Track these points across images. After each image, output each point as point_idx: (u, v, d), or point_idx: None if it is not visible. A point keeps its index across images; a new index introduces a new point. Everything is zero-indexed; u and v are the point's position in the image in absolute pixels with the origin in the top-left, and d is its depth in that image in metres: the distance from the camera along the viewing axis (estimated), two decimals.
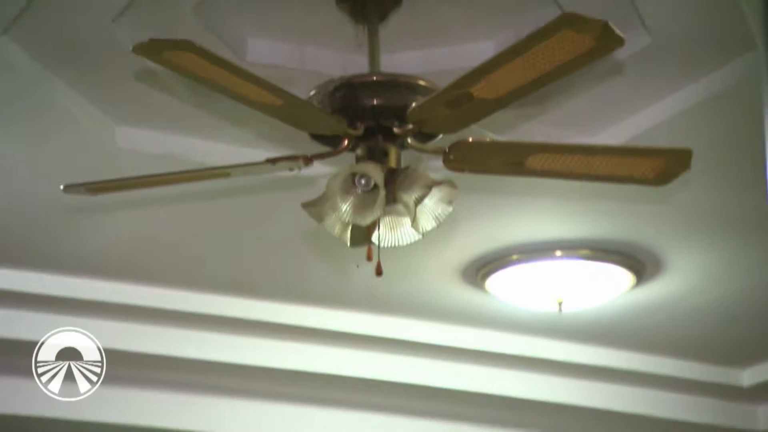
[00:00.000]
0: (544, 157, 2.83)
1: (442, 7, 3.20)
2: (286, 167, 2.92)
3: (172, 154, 3.65)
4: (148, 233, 4.22)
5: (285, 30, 3.28)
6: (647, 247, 4.37)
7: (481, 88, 2.53)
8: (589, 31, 2.30)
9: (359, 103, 2.83)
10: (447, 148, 2.85)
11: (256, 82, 2.55)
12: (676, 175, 2.88)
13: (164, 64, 2.46)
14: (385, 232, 2.89)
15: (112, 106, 3.52)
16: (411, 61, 3.38)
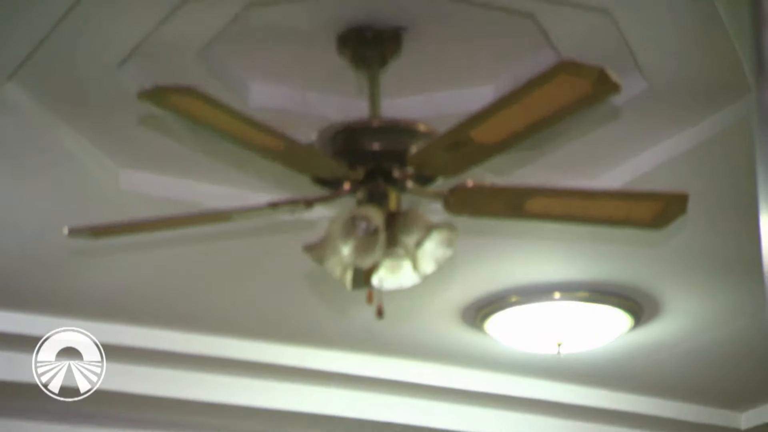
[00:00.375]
0: (543, 200, 2.84)
1: (442, 53, 3.23)
2: (288, 211, 2.93)
3: (176, 198, 3.66)
4: (150, 275, 4.22)
5: (287, 75, 3.31)
6: (645, 290, 4.37)
7: (480, 132, 2.55)
8: (587, 77, 2.32)
9: (360, 147, 2.86)
10: (447, 191, 2.86)
11: (258, 127, 2.57)
12: (673, 219, 2.90)
13: (168, 110, 2.48)
14: (385, 275, 2.89)
15: (117, 150, 3.55)
16: (411, 105, 3.41)
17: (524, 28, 3.08)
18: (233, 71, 3.26)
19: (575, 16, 2.96)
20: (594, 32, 3.02)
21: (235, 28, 3.04)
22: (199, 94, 2.42)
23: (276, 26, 3.07)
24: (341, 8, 3.00)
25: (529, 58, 3.21)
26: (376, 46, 3.07)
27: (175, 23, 2.93)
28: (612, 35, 3.00)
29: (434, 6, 3.00)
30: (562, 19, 2.99)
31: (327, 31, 3.08)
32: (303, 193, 2.98)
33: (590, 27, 3.01)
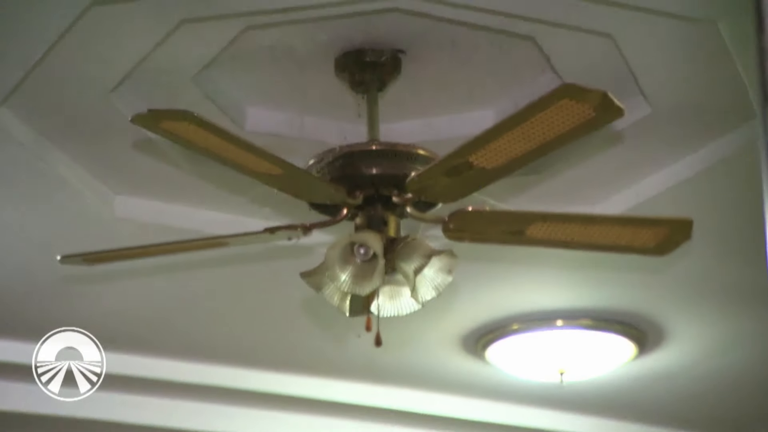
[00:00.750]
0: (545, 226, 2.82)
1: (441, 76, 3.22)
2: (285, 236, 2.91)
3: (171, 224, 3.65)
4: (145, 303, 4.20)
5: (284, 99, 3.30)
6: (649, 317, 4.35)
7: (480, 157, 2.53)
8: (589, 101, 2.30)
9: (358, 172, 2.84)
10: (446, 217, 2.84)
11: (255, 152, 2.55)
12: (677, 245, 2.87)
13: (163, 134, 2.46)
14: (384, 302, 2.87)
15: (111, 176, 3.53)
16: (410, 129, 3.40)
17: (525, 52, 3.07)
18: (229, 95, 3.25)
19: (577, 39, 2.94)
20: (596, 56, 3.01)
21: (231, 52, 3.03)
22: (194, 118, 2.40)
23: (272, 49, 3.06)
24: (339, 31, 2.99)
25: (530, 81, 3.20)
26: (374, 69, 3.06)
27: (170, 47, 2.92)
28: (614, 59, 2.99)
29: (433, 29, 2.99)
30: (564, 43, 2.97)
31: (324, 55, 3.07)
32: (300, 218, 2.96)
33: (592, 51, 2.99)
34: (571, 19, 2.85)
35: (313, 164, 2.88)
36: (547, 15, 2.84)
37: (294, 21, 2.92)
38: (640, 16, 2.81)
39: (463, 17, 2.89)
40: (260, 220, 3.51)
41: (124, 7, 2.76)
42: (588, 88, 2.29)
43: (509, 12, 2.83)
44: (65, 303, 4.13)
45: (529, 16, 2.84)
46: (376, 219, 2.87)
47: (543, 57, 3.05)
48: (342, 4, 2.84)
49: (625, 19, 2.83)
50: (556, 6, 2.78)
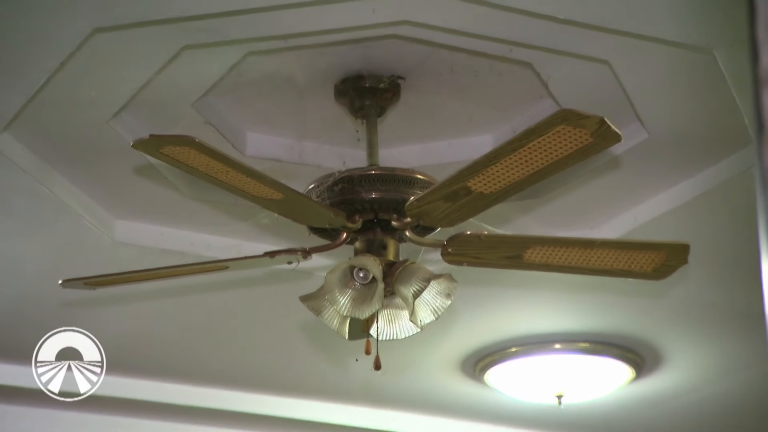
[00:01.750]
0: (542, 250, 2.82)
1: (440, 102, 3.23)
2: (285, 260, 2.90)
3: (171, 248, 3.64)
4: (145, 326, 4.19)
5: (284, 124, 3.31)
6: (646, 341, 4.34)
7: (478, 182, 2.53)
8: (586, 126, 2.31)
9: (358, 197, 2.84)
10: (445, 241, 2.84)
11: (255, 177, 2.56)
12: (674, 270, 2.87)
13: (164, 159, 2.46)
14: (383, 326, 2.86)
15: (112, 201, 3.53)
16: (409, 154, 3.41)
17: (523, 78, 3.08)
18: (229, 120, 3.26)
19: (574, 66, 2.96)
20: (593, 82, 3.02)
21: (232, 78, 3.04)
22: (195, 143, 2.40)
23: (273, 76, 3.07)
24: (338, 58, 3.00)
25: (528, 107, 3.21)
26: (373, 95, 3.07)
27: (171, 73, 2.93)
28: (612, 85, 3.00)
29: (432, 55, 3.00)
30: (561, 69, 2.99)
31: (324, 81, 3.08)
32: (300, 242, 2.96)
33: (590, 77, 3.01)
34: (569, 45, 2.86)
35: (313, 189, 2.88)
36: (545, 41, 2.85)
37: (294, 47, 2.94)
38: (637, 43, 2.82)
39: (462, 44, 2.90)
40: (260, 243, 3.51)
41: (126, 34, 2.77)
42: (585, 114, 2.30)
43: (507, 38, 2.85)
44: (66, 327, 4.12)
45: (527, 42, 2.86)
46: (375, 243, 2.87)
47: (541, 83, 3.06)
48: (342, 31, 2.85)
49: (622, 45, 2.84)
50: (553, 32, 2.80)
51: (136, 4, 2.66)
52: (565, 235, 3.52)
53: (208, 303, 4.04)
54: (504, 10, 2.69)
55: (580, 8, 2.69)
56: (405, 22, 2.80)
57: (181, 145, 2.41)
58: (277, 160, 3.33)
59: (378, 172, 2.87)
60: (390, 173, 2.86)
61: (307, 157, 3.35)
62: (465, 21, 2.78)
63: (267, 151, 3.32)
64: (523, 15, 2.71)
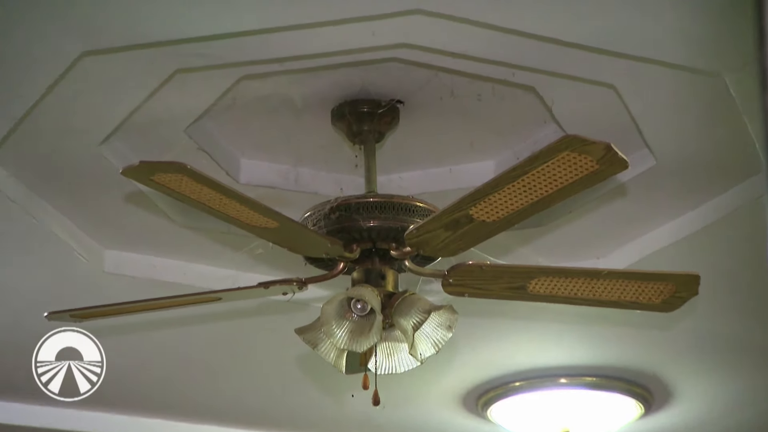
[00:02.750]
0: (547, 281, 2.82)
1: (441, 127, 3.23)
2: (280, 291, 2.90)
3: (162, 278, 3.64)
4: (135, 360, 4.17)
5: (279, 150, 3.31)
6: (655, 375, 4.33)
7: (480, 210, 2.53)
8: (592, 153, 2.31)
9: (355, 226, 2.84)
10: (446, 271, 2.84)
11: (249, 205, 2.56)
12: (684, 301, 2.87)
13: (155, 187, 2.46)
14: (382, 359, 2.86)
15: (101, 230, 3.53)
16: (409, 181, 3.41)
17: (526, 102, 3.09)
18: (223, 146, 3.26)
19: (579, 90, 2.96)
20: (599, 107, 3.02)
21: (225, 102, 3.05)
22: (187, 170, 2.40)
23: (268, 100, 3.08)
24: (336, 81, 3.01)
25: (532, 132, 3.21)
26: (372, 119, 3.08)
27: (163, 98, 2.93)
28: (618, 110, 3.00)
29: (432, 79, 3.01)
30: (566, 93, 2.99)
31: (321, 105, 3.09)
32: (296, 272, 2.96)
33: (595, 102, 3.01)
34: (573, 69, 2.87)
35: (309, 217, 2.88)
36: (549, 65, 2.86)
37: (290, 71, 2.94)
38: (644, 67, 2.83)
39: (463, 67, 2.91)
40: (254, 274, 3.51)
41: (117, 57, 2.77)
42: (591, 140, 2.30)
43: (510, 62, 2.85)
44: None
45: (530, 66, 2.86)
46: (373, 273, 2.87)
47: (545, 108, 3.07)
48: (339, 54, 2.86)
49: (628, 69, 2.84)
50: (558, 56, 2.80)
51: (126, 27, 2.66)
52: (570, 265, 3.52)
53: (200, 335, 4.03)
54: (507, 32, 2.70)
55: (585, 31, 2.70)
56: (405, 45, 2.81)
57: (173, 172, 2.41)
58: (272, 186, 3.33)
59: (376, 200, 2.87)
60: (388, 201, 2.86)
61: (302, 183, 3.36)
62: (466, 44, 2.79)
63: (261, 177, 3.33)
64: (526, 38, 2.72)
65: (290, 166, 3.36)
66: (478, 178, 3.13)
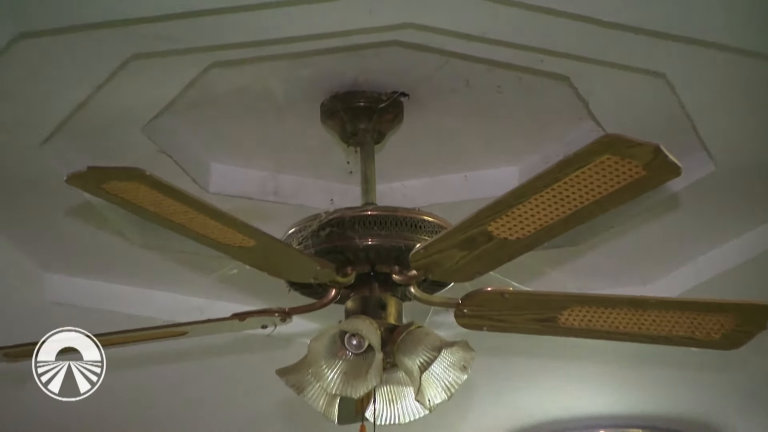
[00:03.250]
0: (582, 311, 2.81)
1: (454, 125, 3.24)
2: (258, 324, 2.90)
3: (117, 309, 3.64)
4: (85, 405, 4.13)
5: (257, 154, 3.32)
6: (711, 425, 4.34)
7: (502, 225, 2.52)
8: (637, 156, 2.30)
9: (350, 244, 2.83)
10: (460, 299, 2.83)
11: (221, 219, 2.55)
12: (750, 337, 2.86)
13: (106, 197, 2.44)
14: (382, 406, 2.86)
15: (41, 250, 3.54)
16: (415, 190, 3.43)
17: (557, 95, 3.09)
18: (189, 148, 3.27)
19: (622, 79, 2.96)
20: (646, 101, 3.02)
21: (192, 95, 3.04)
22: (144, 176, 2.39)
23: (243, 92, 3.08)
24: (326, 70, 3.01)
25: (564, 131, 3.22)
26: (370, 116, 3.08)
27: (116, 89, 2.93)
28: (668, 104, 3.00)
29: (443, 67, 3.01)
30: (606, 84, 2.99)
31: (308, 99, 3.09)
32: (278, 301, 2.94)
33: (641, 94, 3.01)
34: (615, 54, 2.86)
35: (294, 234, 2.88)
36: (585, 49, 2.85)
37: (270, 57, 2.94)
38: (701, 53, 2.82)
39: (480, 52, 2.90)
40: (228, 303, 3.51)
41: (59, 41, 2.76)
42: (636, 140, 2.28)
43: (538, 46, 2.84)
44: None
45: (563, 50, 2.85)
46: (372, 302, 2.87)
47: (580, 101, 3.07)
48: (330, 37, 2.85)
49: (681, 55, 2.84)
50: (595, 38, 2.79)
51: (70, 3, 2.65)
52: (611, 292, 3.51)
53: (162, 377, 4.05)
54: (534, 10, 2.69)
55: (628, 9, 2.70)
56: (409, 26, 2.80)
57: (129, 180, 2.40)
58: (249, 197, 3.34)
59: (375, 213, 2.86)
60: (390, 214, 2.86)
61: (286, 193, 3.37)
62: (484, 23, 2.78)
63: (236, 186, 3.34)
64: (557, 17, 2.71)
65: (270, 172, 3.36)
66: (498, 186, 3.14)
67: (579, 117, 3.15)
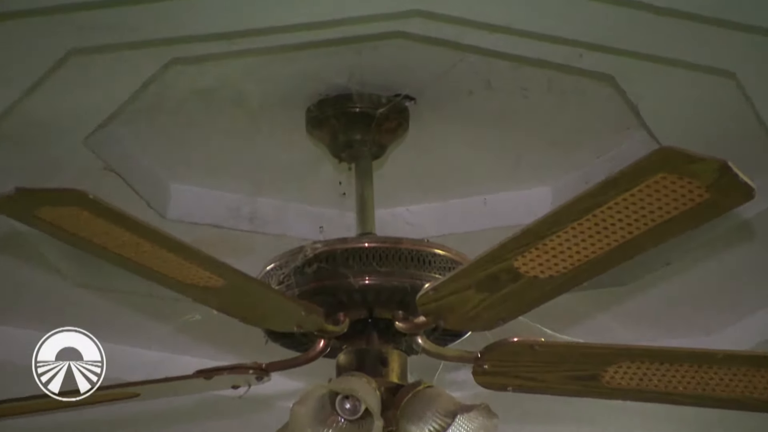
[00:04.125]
0: (632, 367, 2.81)
1: (471, 136, 3.25)
2: (229, 383, 2.91)
3: None
4: None
5: (228, 171, 3.34)
6: None
7: (531, 260, 2.52)
8: (699, 174, 2.29)
9: (343, 284, 2.84)
10: (479, 353, 2.84)
11: (182, 253, 2.55)
12: None
13: (39, 226, 2.45)
14: None
15: None
16: (422, 217, 3.44)
17: (600, 99, 3.11)
18: (143, 164, 3.28)
19: (680, 80, 2.97)
20: (711, 106, 3.04)
21: (145, 100, 3.05)
22: (87, 200, 2.38)
23: (210, 96, 3.09)
24: (313, 69, 3.02)
25: (608, 144, 3.24)
26: (368, 125, 3.09)
27: (50, 92, 2.94)
28: (739, 111, 3.01)
29: (458, 65, 3.01)
30: (660, 85, 3.00)
31: (290, 103, 3.10)
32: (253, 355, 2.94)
33: (704, 97, 3.03)
34: (672, 49, 2.86)
35: (273, 271, 2.89)
36: (635, 43, 2.85)
37: (244, 52, 2.94)
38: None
39: (504, 46, 2.91)
40: (191, 357, 3.54)
41: None
42: (698, 155, 2.28)
43: (576, 38, 2.85)
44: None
45: (607, 44, 2.86)
46: (369, 356, 2.89)
47: (628, 107, 3.08)
48: (319, 28, 2.85)
49: (756, 49, 2.84)
50: (648, 30, 2.79)
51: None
52: (667, 343, 3.51)
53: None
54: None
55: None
56: (416, 13, 2.81)
57: (67, 205, 2.40)
58: (217, 225, 3.36)
59: (374, 245, 2.87)
60: (393, 247, 2.86)
61: (263, 220, 3.39)
62: (510, 11, 2.78)
63: (201, 211, 3.36)
64: (600, 2, 2.71)
65: (244, 194, 3.38)
66: (527, 211, 3.17)
67: (626, 126, 3.17)
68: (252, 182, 3.35)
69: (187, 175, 3.34)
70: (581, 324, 3.60)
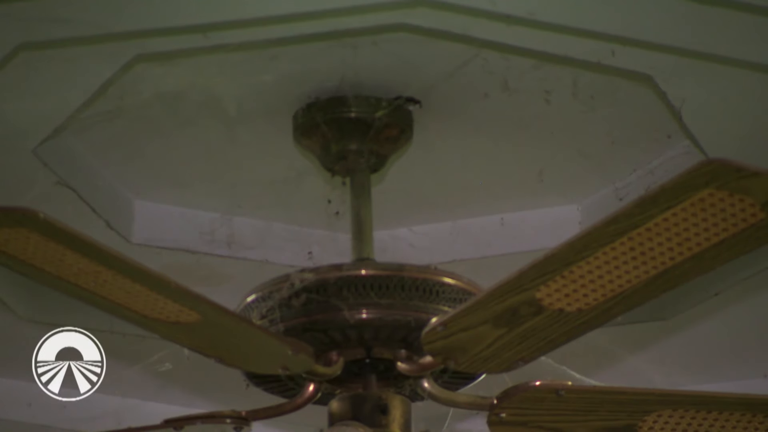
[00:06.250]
0: (675, 416, 2.82)
1: (485, 144, 3.26)
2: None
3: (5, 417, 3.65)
4: None
5: (201, 187, 3.36)
6: None
7: (556, 291, 2.53)
8: (752, 191, 2.29)
9: (336, 318, 2.85)
10: (495, 398, 2.84)
11: (148, 282, 2.55)
12: None
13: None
14: None
15: None
16: (428, 239, 3.46)
17: (635, 103, 3.11)
18: (102, 180, 3.29)
19: (730, 80, 2.97)
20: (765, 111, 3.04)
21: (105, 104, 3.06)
22: (38, 221, 2.39)
23: (180, 100, 3.09)
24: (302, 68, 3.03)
25: (646, 155, 3.25)
26: (365, 133, 3.10)
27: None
28: None
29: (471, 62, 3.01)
30: (706, 87, 3.01)
31: (276, 108, 3.11)
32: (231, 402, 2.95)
33: (758, 101, 3.02)
34: (720, 44, 2.87)
35: (255, 303, 2.90)
36: (676, 37, 2.86)
37: (219, 48, 2.94)
38: None
39: (525, 41, 2.91)
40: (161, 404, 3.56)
41: None
42: (751, 168, 2.28)
43: (608, 32, 2.85)
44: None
45: (644, 38, 2.86)
46: (367, 403, 2.89)
47: (669, 112, 3.08)
48: (308, 19, 2.86)
49: None
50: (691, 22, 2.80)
51: None
52: (715, 388, 3.51)
53: None
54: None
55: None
56: (422, 2, 2.81)
57: (13, 226, 2.40)
58: (190, 250, 3.37)
59: (372, 273, 2.88)
60: (394, 275, 2.87)
61: (243, 244, 3.40)
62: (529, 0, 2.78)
63: (171, 234, 3.37)
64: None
65: (221, 214, 3.40)
66: (551, 233, 3.17)
67: (667, 134, 3.17)
68: (229, 200, 3.36)
69: (153, 192, 3.35)
70: (614, 366, 3.61)
